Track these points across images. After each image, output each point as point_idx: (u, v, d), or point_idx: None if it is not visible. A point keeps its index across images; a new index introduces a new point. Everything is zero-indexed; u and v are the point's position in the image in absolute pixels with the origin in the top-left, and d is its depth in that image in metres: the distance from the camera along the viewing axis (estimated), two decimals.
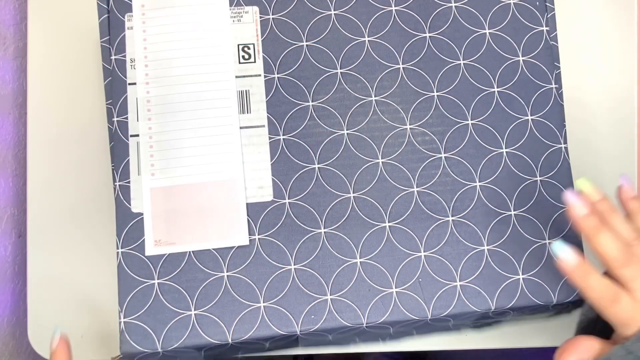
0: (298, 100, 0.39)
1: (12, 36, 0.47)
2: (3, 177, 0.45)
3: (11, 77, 0.47)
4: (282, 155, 0.38)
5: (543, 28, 0.41)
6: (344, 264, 0.37)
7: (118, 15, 0.39)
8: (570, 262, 0.33)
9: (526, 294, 0.38)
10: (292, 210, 0.38)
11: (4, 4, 0.46)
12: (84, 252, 0.44)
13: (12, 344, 0.46)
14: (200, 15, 0.39)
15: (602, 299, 0.32)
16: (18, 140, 0.48)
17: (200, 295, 0.36)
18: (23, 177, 0.48)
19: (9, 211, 0.46)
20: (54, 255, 0.44)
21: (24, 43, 0.48)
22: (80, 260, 0.44)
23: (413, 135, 0.39)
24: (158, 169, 0.38)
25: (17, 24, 0.48)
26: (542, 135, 0.40)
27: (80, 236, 0.44)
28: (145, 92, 0.38)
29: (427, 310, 0.37)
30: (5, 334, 0.45)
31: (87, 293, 0.43)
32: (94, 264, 0.44)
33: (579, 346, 0.33)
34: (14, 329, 0.46)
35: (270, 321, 0.36)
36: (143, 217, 0.37)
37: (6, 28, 0.46)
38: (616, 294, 0.32)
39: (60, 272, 0.44)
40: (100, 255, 0.44)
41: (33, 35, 0.46)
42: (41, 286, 0.44)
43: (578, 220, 0.33)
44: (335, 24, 0.40)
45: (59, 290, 0.44)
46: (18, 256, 0.47)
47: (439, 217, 0.38)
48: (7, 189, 0.46)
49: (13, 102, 0.47)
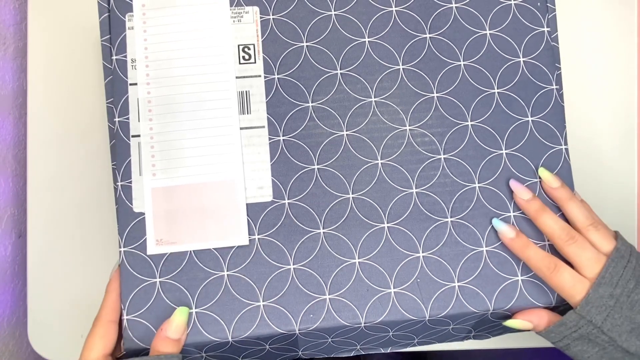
0: (298, 101, 0.39)
1: (12, 36, 0.47)
2: (3, 177, 0.45)
3: (11, 77, 0.47)
4: (282, 156, 0.39)
5: (544, 29, 0.41)
6: (342, 264, 0.38)
7: (119, 15, 0.39)
8: (508, 234, 0.37)
9: (525, 295, 0.38)
10: (291, 211, 0.38)
11: (4, 4, 0.46)
12: (84, 252, 0.44)
13: (12, 344, 0.46)
14: (200, 16, 0.39)
15: (541, 268, 0.36)
16: (18, 140, 0.48)
17: (201, 293, 0.37)
18: (23, 177, 0.48)
19: (9, 211, 0.46)
20: (54, 255, 0.44)
21: (24, 43, 0.49)
22: (80, 260, 0.44)
23: (412, 136, 0.39)
24: (159, 169, 0.38)
25: (17, 24, 0.48)
26: (543, 136, 0.40)
27: (80, 236, 0.44)
28: (146, 93, 0.38)
29: (425, 310, 0.37)
30: (5, 334, 0.46)
31: (87, 293, 0.44)
32: (94, 264, 0.44)
33: (533, 313, 0.38)
34: (14, 329, 0.47)
35: (270, 320, 0.37)
36: (144, 216, 0.37)
37: (6, 28, 0.46)
38: (555, 264, 0.36)
39: (60, 272, 0.44)
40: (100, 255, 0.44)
41: (33, 35, 0.46)
42: (41, 286, 0.44)
43: (523, 204, 0.38)
44: (335, 24, 0.40)
45: (59, 290, 0.44)
46: (18, 256, 0.48)
47: (437, 218, 0.39)
48: (7, 189, 0.46)
49: (13, 102, 0.48)
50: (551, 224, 0.37)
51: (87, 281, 0.44)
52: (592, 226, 0.37)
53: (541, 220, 0.37)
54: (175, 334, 0.35)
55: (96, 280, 0.44)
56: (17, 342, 0.47)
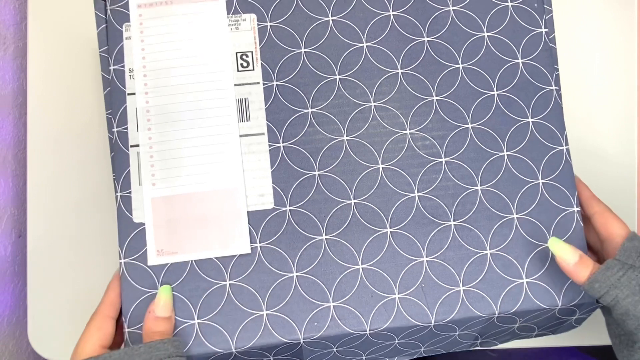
0: (297, 107, 0.39)
1: (12, 36, 0.47)
2: (3, 177, 0.45)
3: (11, 77, 0.47)
4: (282, 163, 0.38)
5: (542, 30, 0.41)
6: (346, 271, 0.37)
7: (116, 25, 0.39)
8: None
9: (530, 298, 0.37)
10: (293, 218, 0.38)
11: (4, 4, 0.46)
12: (84, 252, 0.44)
13: (12, 344, 0.46)
14: (197, 24, 0.39)
15: None
16: (18, 140, 0.48)
17: (203, 304, 0.36)
18: (23, 177, 0.48)
19: (9, 211, 0.46)
20: (54, 255, 0.44)
21: (24, 43, 0.49)
22: (80, 260, 0.44)
23: (413, 140, 0.39)
24: (159, 178, 0.38)
25: (17, 24, 0.48)
26: (543, 137, 0.40)
27: (80, 236, 0.44)
28: (144, 102, 0.38)
29: (431, 315, 0.37)
30: (5, 334, 0.45)
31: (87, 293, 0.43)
32: (94, 264, 0.44)
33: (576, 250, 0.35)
34: (14, 329, 0.46)
35: (274, 329, 0.36)
36: (145, 227, 0.37)
37: (6, 28, 0.46)
38: None
39: (60, 272, 0.44)
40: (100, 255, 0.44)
41: (33, 35, 0.46)
42: (41, 286, 0.44)
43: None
44: (333, 30, 0.40)
45: (59, 290, 0.44)
46: (18, 256, 0.47)
47: (440, 222, 0.38)
48: (7, 189, 0.46)
49: (13, 102, 0.47)
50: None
51: (87, 281, 0.44)
52: None
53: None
54: (164, 311, 0.35)
55: (96, 280, 0.43)
56: (17, 342, 0.47)
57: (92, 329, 0.35)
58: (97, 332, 0.35)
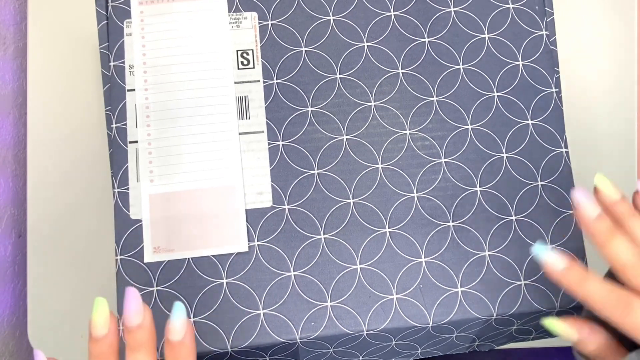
0: (297, 105, 0.39)
1: (12, 36, 0.47)
2: (3, 177, 0.45)
3: (11, 77, 0.47)
4: (282, 161, 0.38)
5: (543, 32, 0.41)
6: (344, 270, 0.37)
7: (117, 22, 0.39)
8: (557, 266, 0.29)
9: (528, 300, 0.37)
10: (291, 216, 0.38)
11: (4, 4, 0.46)
12: (84, 252, 0.44)
13: (12, 344, 0.46)
14: (199, 22, 0.39)
15: (609, 308, 0.28)
16: (18, 140, 0.48)
17: (200, 302, 0.36)
18: (23, 177, 0.48)
19: (9, 211, 0.46)
20: (54, 255, 0.44)
21: (24, 43, 0.49)
22: (80, 260, 0.44)
23: (413, 140, 0.39)
24: (157, 175, 0.38)
25: (17, 24, 0.48)
26: (543, 139, 0.40)
27: (80, 236, 0.44)
28: (144, 99, 0.38)
29: (428, 316, 0.37)
30: (5, 334, 0.45)
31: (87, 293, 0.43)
32: (93, 264, 0.44)
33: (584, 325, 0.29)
34: (14, 329, 0.46)
35: (270, 328, 0.36)
36: (142, 223, 0.37)
37: (6, 28, 0.46)
38: (627, 301, 0.27)
39: (60, 272, 0.44)
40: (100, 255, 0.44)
41: (33, 35, 0.46)
42: (41, 286, 0.44)
43: (588, 224, 0.29)
44: (334, 29, 0.40)
45: (59, 290, 0.43)
46: (18, 256, 0.47)
47: (439, 223, 0.38)
48: (7, 189, 0.46)
49: (13, 102, 0.47)
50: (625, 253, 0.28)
51: (87, 281, 0.43)
52: None
53: (611, 247, 0.28)
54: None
55: (96, 280, 0.43)
56: (17, 342, 0.46)
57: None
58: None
